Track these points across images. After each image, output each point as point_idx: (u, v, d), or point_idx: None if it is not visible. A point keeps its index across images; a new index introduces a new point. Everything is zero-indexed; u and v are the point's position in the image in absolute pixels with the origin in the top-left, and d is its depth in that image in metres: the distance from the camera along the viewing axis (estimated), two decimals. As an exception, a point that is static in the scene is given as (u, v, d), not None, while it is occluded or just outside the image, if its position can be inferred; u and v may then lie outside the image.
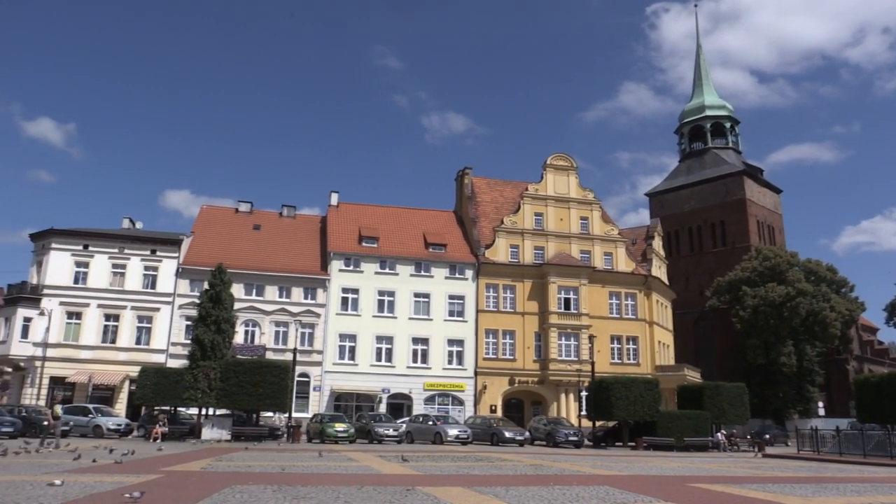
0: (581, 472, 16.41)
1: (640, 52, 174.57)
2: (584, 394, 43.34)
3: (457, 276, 48.46)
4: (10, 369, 46.98)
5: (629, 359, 49.43)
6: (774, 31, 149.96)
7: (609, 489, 12.16)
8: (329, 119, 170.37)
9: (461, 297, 48.06)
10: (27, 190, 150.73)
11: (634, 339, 49.99)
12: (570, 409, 45.99)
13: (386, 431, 33.17)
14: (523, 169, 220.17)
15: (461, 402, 46.22)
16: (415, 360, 46.39)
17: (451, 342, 47.18)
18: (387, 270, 47.63)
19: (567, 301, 48.39)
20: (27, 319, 42.23)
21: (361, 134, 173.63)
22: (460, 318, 47.63)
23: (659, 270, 54.53)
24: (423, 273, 48.05)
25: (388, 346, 46.24)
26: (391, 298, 47.09)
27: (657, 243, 55.77)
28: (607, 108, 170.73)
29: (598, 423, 37.61)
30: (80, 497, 9.15)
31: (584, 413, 41.60)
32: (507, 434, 33.14)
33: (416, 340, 46.73)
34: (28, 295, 42.86)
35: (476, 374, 46.76)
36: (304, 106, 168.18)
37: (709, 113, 74.94)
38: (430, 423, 34.29)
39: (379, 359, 45.93)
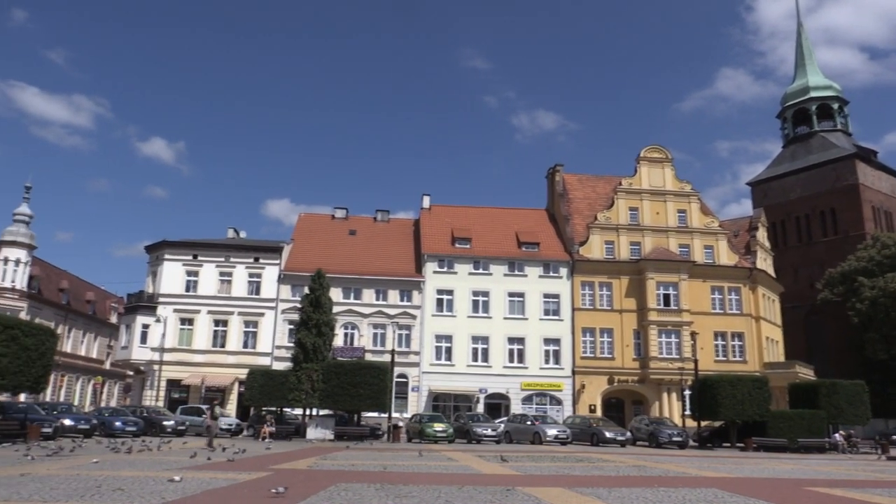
0: (687, 473, 15.86)
1: (736, 37, 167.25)
2: (687, 393, 41.91)
3: (551, 274, 47.98)
4: (131, 373, 50.32)
5: (735, 356, 47.40)
6: (886, 3, 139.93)
7: (717, 492, 11.69)
8: (420, 123, 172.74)
9: (556, 296, 47.53)
10: (143, 205, 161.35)
11: (740, 335, 47.90)
12: (672, 409, 44.60)
13: (484, 431, 33.16)
14: (616, 163, 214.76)
15: (559, 402, 45.71)
16: (511, 360, 46.27)
17: (547, 341, 46.75)
18: (480, 271, 47.76)
19: (666, 297, 46.96)
20: (145, 326, 45.06)
21: (452, 136, 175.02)
22: (556, 317, 47.11)
23: (764, 263, 52.02)
24: (516, 272, 47.87)
25: (484, 347, 46.34)
26: (485, 298, 47.18)
27: (761, 234, 53.23)
28: (704, 97, 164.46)
29: (703, 423, 36.26)
30: (198, 492, 9.65)
31: (687, 413, 40.24)
32: (608, 434, 32.46)
33: (511, 340, 46.60)
34: (145, 303, 45.75)
35: (574, 373, 46.11)
36: (395, 112, 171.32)
37: (814, 94, 70.74)
38: (529, 422, 34.08)
39: (475, 359, 46.10)
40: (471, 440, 32.89)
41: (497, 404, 45.38)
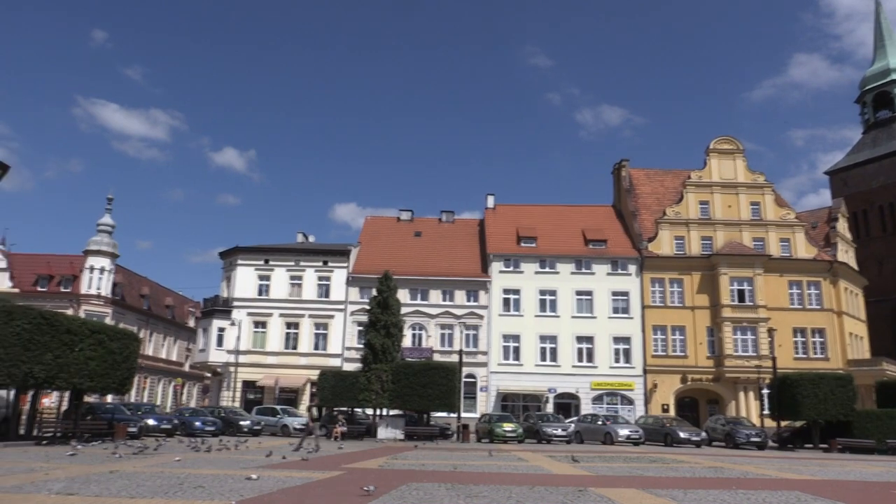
0: (767, 475, 15.31)
1: (809, 21, 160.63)
2: (765, 391, 40.48)
3: (619, 271, 47.16)
4: (209, 374, 52.07)
5: (816, 353, 45.48)
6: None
7: (801, 495, 11.24)
8: (483, 123, 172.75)
9: (625, 294, 46.69)
10: (216, 213, 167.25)
11: (820, 331, 45.91)
12: (750, 408, 43.16)
13: (554, 431, 32.90)
14: (684, 157, 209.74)
15: (630, 402, 44.87)
16: (580, 359, 45.69)
17: (616, 340, 45.97)
18: (547, 269, 47.35)
19: (741, 293, 45.47)
20: (221, 329, 46.56)
21: (516, 135, 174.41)
22: (625, 315, 46.27)
23: (846, 255, 49.73)
24: (584, 270, 47.26)
25: (552, 346, 45.92)
26: (553, 297, 46.75)
27: (842, 225, 50.90)
28: (776, 85, 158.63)
29: (783, 424, 34.92)
30: (274, 490, 9.91)
31: (766, 412, 38.87)
32: (682, 434, 31.68)
33: (580, 339, 46.02)
34: (221, 307, 47.26)
35: (645, 372, 45.17)
36: (457, 112, 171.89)
37: (895, 76, 67.23)
38: (600, 422, 33.59)
39: (543, 358, 45.73)
40: (541, 440, 32.70)
41: (567, 404, 44.91)
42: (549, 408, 43.94)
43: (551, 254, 47.73)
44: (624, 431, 31.88)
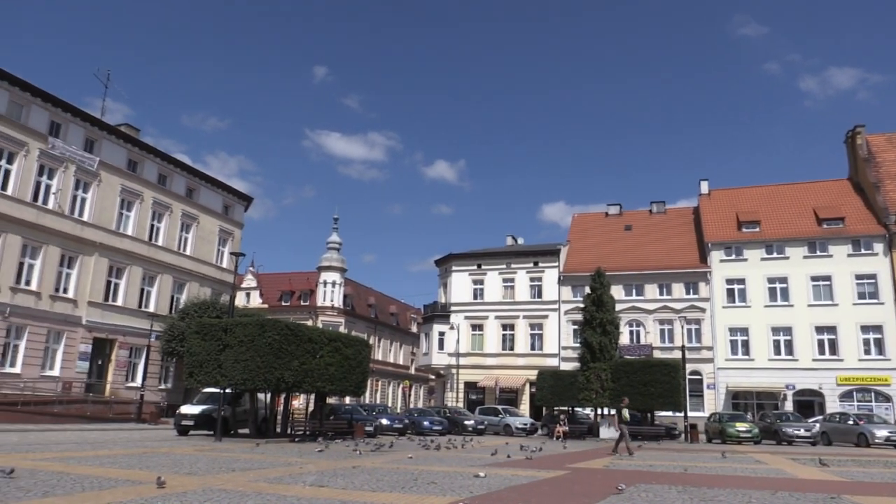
0: None
1: None
2: None
3: (862, 251, 42.04)
4: (433, 376, 54.76)
5: None
6: None
7: None
8: (692, 104, 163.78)
9: (871, 276, 41.49)
10: (432, 223, 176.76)
11: None
12: None
13: (796, 432, 30.39)
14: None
15: (887, 399, 39.72)
16: (821, 352, 41.38)
17: (864, 329, 40.97)
18: (774, 255, 43.59)
19: None
20: (441, 333, 48.85)
21: (729, 113, 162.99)
22: (873, 301, 41.10)
23: None
24: (818, 253, 42.80)
25: (787, 338, 42.12)
26: (783, 285, 42.91)
27: None
28: None
29: None
30: (502, 488, 10.16)
31: None
32: (959, 435, 27.40)
33: (819, 329, 41.70)
34: (439, 313, 49.62)
35: (904, 364, 39.74)
36: (664, 95, 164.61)
37: None
38: (851, 422, 30.18)
39: (777, 352, 42.09)
40: (779, 441, 30.35)
41: (808, 402, 40.87)
42: (788, 406, 40.33)
43: (778, 238, 43.84)
44: (882, 432, 28.30)
